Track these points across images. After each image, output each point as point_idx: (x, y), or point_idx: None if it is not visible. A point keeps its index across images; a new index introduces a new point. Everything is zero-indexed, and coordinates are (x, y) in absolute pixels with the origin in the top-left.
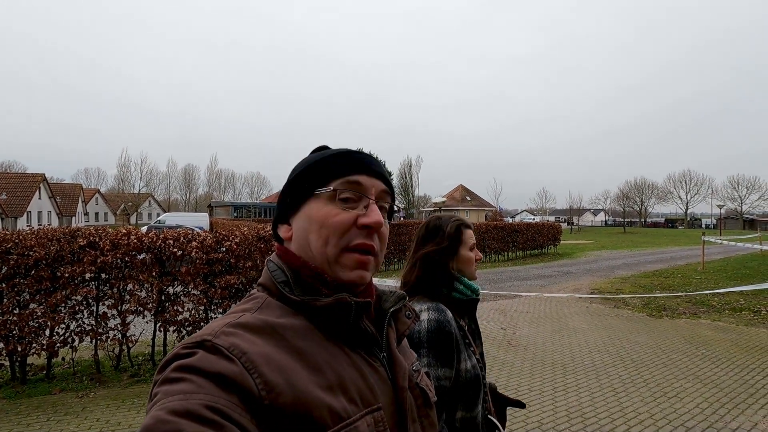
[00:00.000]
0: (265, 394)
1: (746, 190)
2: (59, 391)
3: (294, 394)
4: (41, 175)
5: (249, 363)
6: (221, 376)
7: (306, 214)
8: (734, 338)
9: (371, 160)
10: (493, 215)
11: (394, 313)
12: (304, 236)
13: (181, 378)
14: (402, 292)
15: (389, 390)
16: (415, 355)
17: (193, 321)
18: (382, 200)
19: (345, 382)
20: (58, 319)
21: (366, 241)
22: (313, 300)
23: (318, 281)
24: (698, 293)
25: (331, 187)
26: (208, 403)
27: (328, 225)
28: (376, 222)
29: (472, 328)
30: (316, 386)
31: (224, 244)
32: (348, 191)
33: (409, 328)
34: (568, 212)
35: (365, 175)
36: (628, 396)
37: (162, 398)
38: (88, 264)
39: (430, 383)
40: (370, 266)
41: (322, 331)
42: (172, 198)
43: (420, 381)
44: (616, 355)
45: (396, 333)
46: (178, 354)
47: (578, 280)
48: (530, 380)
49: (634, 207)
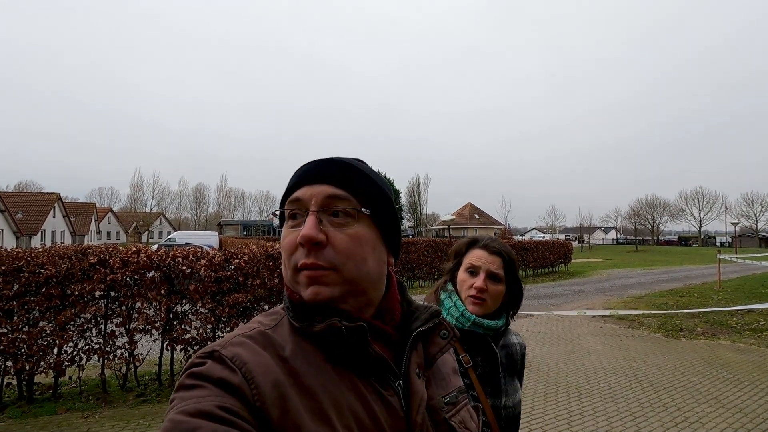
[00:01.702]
0: (260, 405)
1: (761, 208)
2: (65, 410)
3: (281, 411)
4: (56, 195)
5: (248, 373)
6: (225, 384)
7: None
8: (756, 360)
9: (319, 166)
10: (502, 233)
11: (422, 334)
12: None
13: (195, 384)
14: (437, 308)
15: (401, 423)
16: (457, 385)
17: (200, 340)
18: (331, 207)
19: (341, 409)
20: (66, 337)
21: (305, 260)
22: (309, 326)
23: (305, 307)
24: (717, 310)
25: (283, 210)
26: (220, 404)
27: (283, 248)
28: (303, 237)
29: (486, 372)
30: (305, 409)
31: (233, 262)
32: (291, 209)
33: (442, 351)
34: (578, 230)
35: (306, 186)
36: (647, 421)
37: (178, 403)
38: (98, 282)
39: (471, 419)
40: (326, 280)
41: (325, 355)
42: (182, 217)
43: (452, 416)
44: (633, 377)
45: (426, 356)
46: (194, 363)
47: (591, 299)
48: (544, 404)
49: (646, 225)
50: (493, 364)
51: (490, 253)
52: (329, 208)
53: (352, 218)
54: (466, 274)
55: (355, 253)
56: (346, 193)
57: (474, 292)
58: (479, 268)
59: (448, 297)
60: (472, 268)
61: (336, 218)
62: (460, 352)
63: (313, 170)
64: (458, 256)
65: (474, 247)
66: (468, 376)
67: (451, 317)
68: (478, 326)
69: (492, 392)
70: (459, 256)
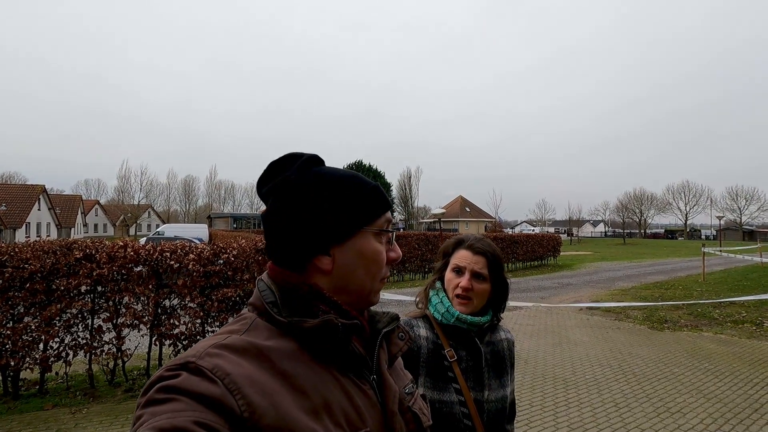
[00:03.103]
0: (248, 416)
1: (745, 201)
2: (52, 406)
3: (277, 417)
4: (41, 187)
5: (232, 384)
6: (204, 397)
7: (357, 250)
8: (737, 351)
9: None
10: (492, 226)
11: (387, 335)
12: (351, 271)
13: (167, 399)
14: (395, 313)
15: (379, 414)
16: (409, 377)
17: (189, 334)
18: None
19: (331, 406)
20: (52, 333)
21: (389, 272)
22: (301, 321)
23: (315, 297)
24: (700, 302)
25: (380, 227)
26: (197, 419)
27: (379, 262)
28: (400, 257)
29: (469, 366)
30: (299, 409)
31: (222, 257)
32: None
33: (401, 350)
34: (567, 223)
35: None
36: (630, 411)
37: (148, 418)
38: (84, 277)
39: (425, 407)
40: None
41: (310, 353)
42: (171, 209)
43: (413, 404)
44: (617, 368)
45: (388, 354)
46: (162, 376)
47: (578, 291)
48: (531, 395)
49: (634, 218)
50: (476, 359)
51: (475, 253)
52: None
53: None
54: (453, 273)
55: None
56: None
57: (460, 291)
58: (464, 268)
59: (435, 294)
60: (457, 268)
61: None
62: (445, 347)
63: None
64: (446, 255)
65: (460, 247)
66: (452, 370)
67: (437, 313)
68: (461, 322)
69: (475, 386)
70: (447, 256)
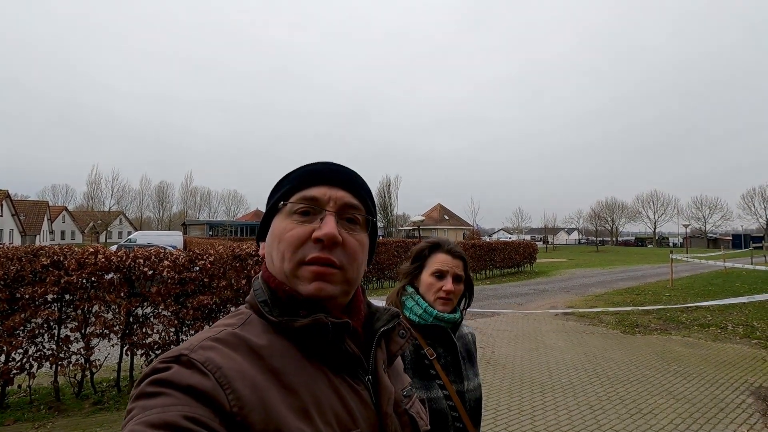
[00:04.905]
0: (237, 410)
1: (709, 210)
2: (13, 421)
3: (265, 413)
4: (4, 192)
5: (222, 378)
6: (195, 390)
7: (270, 230)
8: (703, 354)
9: (335, 172)
10: (470, 234)
11: (386, 333)
12: (269, 252)
13: (158, 392)
14: (396, 310)
15: (372, 415)
16: (408, 380)
17: (162, 344)
18: (346, 213)
19: (321, 405)
20: (15, 344)
21: (320, 254)
22: (291, 321)
23: (293, 301)
24: (669, 307)
25: (287, 202)
26: (187, 414)
27: (284, 240)
28: (326, 234)
29: (448, 361)
30: (288, 408)
31: (198, 263)
32: (303, 204)
33: (401, 349)
34: (543, 231)
35: (325, 187)
36: (604, 413)
37: (138, 413)
38: (51, 285)
39: (423, 411)
40: (333, 278)
41: (302, 351)
42: (144, 216)
43: (410, 407)
44: (592, 372)
45: (387, 354)
46: (156, 368)
47: (554, 297)
48: (509, 399)
49: (606, 226)
50: (453, 353)
51: (454, 257)
52: (344, 213)
53: (360, 226)
54: (433, 277)
55: (358, 257)
56: (359, 203)
57: (444, 294)
58: (446, 272)
59: (409, 297)
60: (439, 272)
61: (349, 224)
62: (424, 346)
63: (328, 173)
64: (420, 259)
65: (438, 251)
66: (433, 367)
67: (414, 315)
68: (440, 320)
69: (455, 379)
70: (422, 260)
